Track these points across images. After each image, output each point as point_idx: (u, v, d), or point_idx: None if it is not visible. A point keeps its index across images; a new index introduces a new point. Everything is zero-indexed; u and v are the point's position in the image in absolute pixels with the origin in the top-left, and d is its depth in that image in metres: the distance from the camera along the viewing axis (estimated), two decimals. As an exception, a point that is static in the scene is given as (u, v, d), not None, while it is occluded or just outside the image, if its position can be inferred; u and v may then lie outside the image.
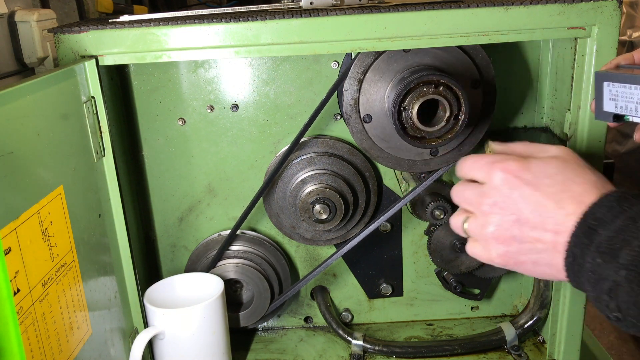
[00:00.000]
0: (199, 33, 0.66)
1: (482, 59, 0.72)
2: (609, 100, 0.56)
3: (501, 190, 0.50)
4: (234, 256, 0.85)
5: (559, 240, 0.48)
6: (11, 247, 0.47)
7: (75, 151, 0.62)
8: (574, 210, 0.47)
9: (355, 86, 0.72)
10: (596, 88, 0.58)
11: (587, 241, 0.45)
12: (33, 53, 0.96)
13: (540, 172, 0.50)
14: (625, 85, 0.54)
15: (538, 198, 0.49)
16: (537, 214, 0.49)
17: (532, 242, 0.49)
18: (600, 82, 0.57)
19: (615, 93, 0.56)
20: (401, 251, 0.89)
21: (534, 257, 0.50)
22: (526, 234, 0.49)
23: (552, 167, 0.50)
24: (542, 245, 0.49)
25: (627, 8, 2.03)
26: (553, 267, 0.49)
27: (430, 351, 0.85)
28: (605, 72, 0.57)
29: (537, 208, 0.49)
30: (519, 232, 0.50)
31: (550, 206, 0.48)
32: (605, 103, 0.57)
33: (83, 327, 0.61)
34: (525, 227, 0.49)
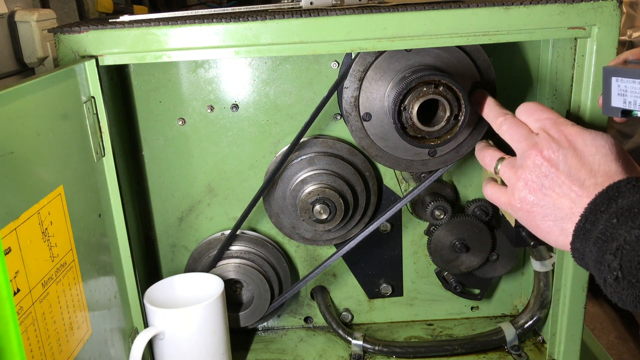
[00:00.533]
0: (199, 33, 0.66)
1: (483, 61, 0.72)
2: (617, 95, 0.56)
3: (551, 145, 0.55)
4: (234, 256, 0.85)
5: (578, 204, 0.52)
6: (11, 247, 0.47)
7: (75, 151, 0.62)
8: (602, 181, 0.51)
9: (356, 84, 0.72)
10: (604, 83, 0.57)
11: (604, 208, 0.49)
12: (33, 53, 0.96)
13: (589, 141, 0.54)
14: (634, 81, 0.55)
15: (577, 162, 0.53)
16: (569, 175, 0.53)
17: (553, 198, 0.54)
18: (608, 77, 0.57)
19: (623, 88, 0.56)
20: (401, 251, 0.89)
21: (548, 211, 0.54)
22: (552, 189, 0.54)
23: (602, 141, 0.54)
24: (561, 203, 0.53)
25: (627, 8, 2.03)
26: (558, 227, 0.53)
27: (430, 351, 0.85)
28: (613, 67, 0.57)
29: (572, 170, 0.53)
30: (547, 184, 0.54)
31: (584, 172, 0.53)
32: (614, 98, 0.57)
33: (83, 327, 0.61)
34: (555, 182, 0.54)
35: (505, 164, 0.60)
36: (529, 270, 0.90)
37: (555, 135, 0.55)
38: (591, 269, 0.50)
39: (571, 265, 0.75)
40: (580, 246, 0.50)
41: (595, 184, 0.51)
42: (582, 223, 0.50)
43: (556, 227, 0.54)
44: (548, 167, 0.54)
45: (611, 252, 0.46)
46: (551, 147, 0.55)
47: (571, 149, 0.54)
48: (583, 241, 0.50)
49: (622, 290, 0.45)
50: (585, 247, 0.50)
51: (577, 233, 0.51)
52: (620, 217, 0.47)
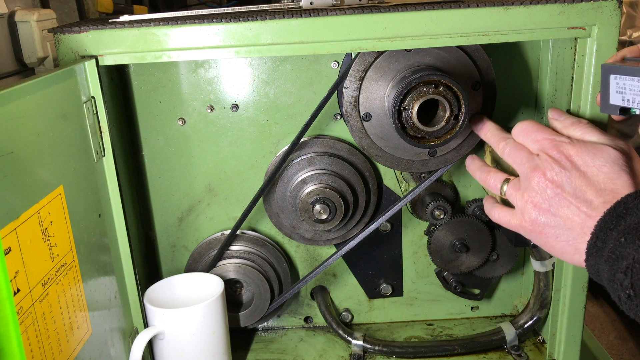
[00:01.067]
0: (199, 33, 0.66)
1: (483, 61, 0.72)
2: (616, 93, 0.56)
3: (553, 167, 0.55)
4: (234, 256, 0.85)
5: (588, 223, 0.53)
6: (11, 247, 0.47)
7: (75, 151, 0.62)
8: (609, 199, 0.52)
9: (356, 84, 0.72)
10: (602, 81, 0.57)
11: (613, 225, 0.50)
12: (33, 53, 0.96)
13: (589, 160, 0.54)
14: (632, 78, 0.55)
15: (582, 183, 0.54)
16: (576, 196, 0.54)
17: (562, 218, 0.55)
18: (606, 74, 0.57)
19: (622, 86, 0.56)
20: (401, 251, 0.89)
21: (559, 232, 0.55)
22: (560, 210, 0.55)
23: (603, 159, 0.54)
24: (571, 223, 0.54)
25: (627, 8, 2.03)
26: (572, 246, 0.54)
27: (430, 351, 0.85)
28: (612, 64, 0.57)
29: (578, 191, 0.54)
30: (555, 206, 0.55)
31: (590, 192, 0.53)
32: (612, 96, 0.57)
33: (83, 327, 0.61)
34: (563, 203, 0.55)
35: (512, 186, 0.60)
36: (529, 270, 0.90)
37: (556, 156, 0.56)
38: (606, 286, 0.50)
39: (571, 265, 0.75)
40: (595, 263, 0.51)
41: (603, 203, 0.52)
42: (593, 241, 0.51)
43: (570, 246, 0.55)
44: (553, 189, 0.55)
45: (622, 271, 0.47)
46: (553, 169, 0.55)
47: (574, 170, 0.55)
48: (596, 258, 0.51)
49: (636, 307, 0.46)
50: (599, 265, 0.51)
51: (589, 251, 0.52)
52: (627, 236, 0.48)
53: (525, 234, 0.59)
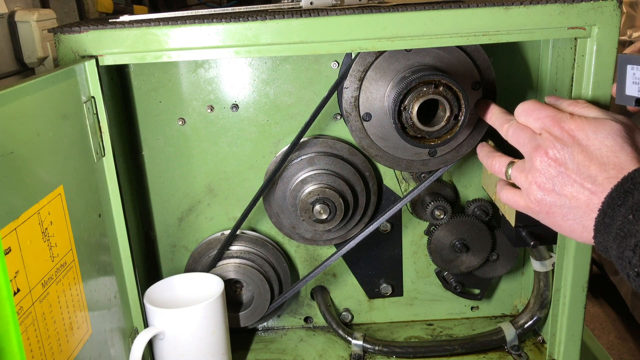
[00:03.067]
0: (199, 33, 0.66)
1: (483, 61, 0.72)
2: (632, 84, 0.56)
3: (555, 144, 0.55)
4: (234, 256, 0.85)
5: (594, 199, 0.52)
6: (11, 247, 0.47)
7: (75, 151, 0.62)
8: (614, 174, 0.51)
9: (356, 84, 0.72)
10: (619, 71, 0.57)
11: (621, 202, 0.49)
12: (33, 53, 0.96)
13: (591, 134, 0.53)
14: None
15: (585, 158, 0.53)
16: (579, 172, 0.53)
17: (567, 197, 0.54)
18: (623, 65, 0.56)
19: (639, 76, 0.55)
20: (401, 251, 0.89)
21: (566, 211, 0.54)
22: (565, 188, 0.54)
23: (604, 132, 0.53)
24: (577, 202, 0.53)
25: (627, 8, 2.03)
26: (580, 224, 0.54)
27: (430, 351, 0.85)
28: (629, 55, 0.56)
29: (581, 167, 0.53)
30: (559, 185, 0.54)
31: (594, 168, 0.52)
32: (628, 87, 0.56)
33: (83, 327, 0.61)
34: (566, 181, 0.54)
35: (516, 169, 0.60)
36: (529, 270, 0.90)
37: (558, 133, 0.55)
38: (615, 263, 0.50)
39: (571, 265, 0.75)
40: (603, 240, 0.50)
41: (608, 178, 0.51)
42: (600, 218, 0.50)
43: (577, 224, 0.54)
44: (556, 167, 0.54)
45: (630, 249, 0.46)
46: (555, 147, 0.55)
47: (576, 145, 0.54)
48: (604, 235, 0.50)
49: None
50: (607, 242, 0.50)
51: (597, 228, 0.51)
52: (635, 213, 0.47)
53: (533, 214, 0.58)
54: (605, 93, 0.68)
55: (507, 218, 0.74)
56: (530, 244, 0.72)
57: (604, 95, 0.68)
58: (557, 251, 0.77)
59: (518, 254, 0.87)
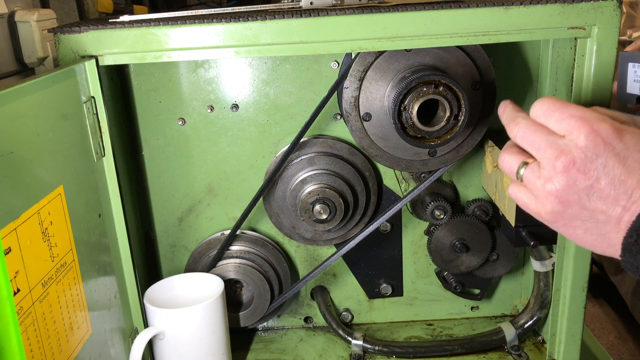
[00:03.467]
0: (199, 33, 0.66)
1: (483, 61, 0.72)
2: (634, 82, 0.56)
3: (585, 152, 0.46)
4: (234, 256, 0.85)
5: (625, 216, 0.45)
6: (11, 247, 0.47)
7: (75, 151, 0.62)
8: None
9: (356, 84, 0.72)
10: (620, 69, 0.56)
11: None
12: (33, 53, 0.96)
13: (632, 144, 0.46)
14: None
15: (621, 171, 0.45)
16: (613, 187, 0.46)
17: (594, 212, 0.47)
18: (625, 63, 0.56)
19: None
20: (401, 251, 0.89)
21: (590, 225, 0.48)
22: (592, 203, 0.47)
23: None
24: (605, 217, 0.46)
25: (627, 8, 2.03)
26: (606, 240, 0.47)
27: (430, 351, 0.85)
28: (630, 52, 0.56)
29: (615, 181, 0.46)
30: (586, 199, 0.47)
31: (630, 183, 0.45)
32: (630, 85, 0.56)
33: (83, 327, 0.61)
34: (595, 196, 0.46)
35: (530, 171, 0.50)
36: (529, 270, 0.90)
37: (589, 138, 0.46)
38: None
39: (571, 265, 0.75)
40: (634, 260, 0.45)
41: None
42: (633, 239, 0.44)
43: (602, 239, 0.48)
44: (585, 180, 0.46)
45: None
46: (586, 156, 0.46)
47: (612, 155, 0.45)
48: (636, 255, 0.45)
49: None
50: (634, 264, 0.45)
51: (627, 247, 0.45)
52: None
53: (547, 223, 0.51)
54: (605, 93, 0.68)
55: (507, 218, 0.74)
56: (530, 244, 0.72)
57: (604, 95, 0.68)
58: (557, 251, 0.77)
59: (518, 254, 0.87)
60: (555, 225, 0.50)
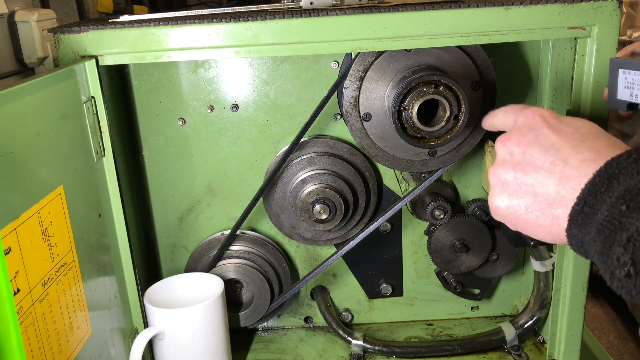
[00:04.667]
0: (199, 33, 0.66)
1: (483, 61, 0.72)
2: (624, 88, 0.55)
3: (521, 129, 0.48)
4: (234, 256, 0.85)
5: (566, 185, 0.44)
6: (11, 247, 0.47)
7: (75, 151, 0.62)
8: (591, 157, 0.43)
9: (356, 84, 0.72)
10: (610, 75, 0.56)
11: (604, 188, 0.41)
12: (33, 53, 0.96)
13: (567, 122, 0.47)
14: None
15: (554, 140, 0.46)
16: (547, 154, 0.45)
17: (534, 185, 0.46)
18: (615, 69, 0.56)
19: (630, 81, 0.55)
20: (401, 251, 0.89)
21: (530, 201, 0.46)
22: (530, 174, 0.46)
23: (581, 122, 0.47)
24: (544, 188, 0.45)
25: (627, 8, 2.03)
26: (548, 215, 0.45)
27: (430, 351, 0.85)
28: (621, 59, 0.56)
29: (549, 149, 0.45)
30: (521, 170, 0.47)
31: (565, 150, 0.45)
32: (620, 91, 0.56)
33: (83, 327, 0.61)
34: (533, 165, 0.46)
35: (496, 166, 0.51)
36: (529, 270, 0.90)
37: (528, 116, 0.49)
38: (594, 259, 0.42)
39: (571, 265, 0.75)
40: (579, 232, 0.43)
41: (582, 160, 0.44)
42: (579, 206, 0.42)
43: (545, 216, 0.46)
44: (519, 152, 0.47)
45: (621, 244, 0.39)
46: (521, 131, 0.48)
47: (546, 127, 0.47)
48: (582, 227, 0.42)
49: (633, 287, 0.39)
50: (585, 235, 0.42)
51: (573, 218, 0.43)
52: (630, 203, 0.39)
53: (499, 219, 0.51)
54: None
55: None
56: (530, 244, 0.72)
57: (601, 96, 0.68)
58: (557, 251, 0.77)
59: (518, 254, 0.87)
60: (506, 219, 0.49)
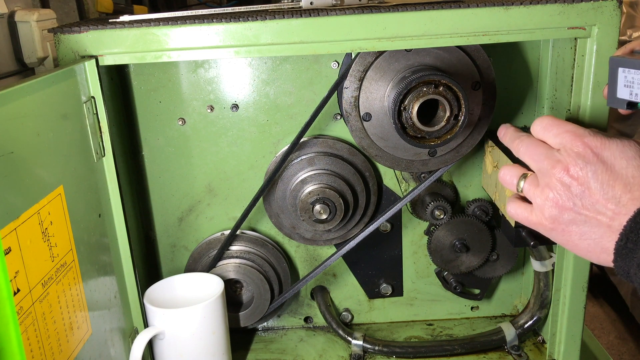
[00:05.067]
0: (199, 33, 0.66)
1: (483, 61, 0.72)
2: (624, 86, 0.55)
3: (577, 161, 0.51)
4: (234, 256, 0.85)
5: (615, 221, 0.49)
6: (11, 247, 0.47)
7: (75, 151, 0.62)
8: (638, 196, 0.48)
9: (356, 84, 0.72)
10: (610, 74, 0.56)
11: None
12: (33, 53, 0.96)
13: (618, 153, 0.51)
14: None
15: (609, 177, 0.50)
16: (603, 192, 0.50)
17: (588, 216, 0.51)
18: (614, 67, 0.56)
19: (630, 79, 0.54)
20: (401, 251, 0.89)
21: (585, 229, 0.52)
22: (585, 208, 0.51)
23: (632, 151, 0.50)
24: (597, 222, 0.50)
25: (627, 8, 2.03)
26: (598, 245, 0.51)
27: (430, 351, 0.85)
28: (620, 57, 0.55)
29: (604, 186, 0.50)
30: (580, 204, 0.51)
31: (618, 187, 0.49)
32: (619, 89, 0.56)
33: (83, 327, 0.61)
34: (587, 201, 0.51)
35: (529, 182, 0.56)
36: (529, 270, 0.90)
37: (580, 149, 0.52)
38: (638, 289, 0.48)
39: (571, 265, 0.75)
40: (624, 265, 0.48)
41: (632, 199, 0.48)
42: (622, 242, 0.48)
43: (596, 245, 0.51)
44: (578, 186, 0.51)
45: None
46: (577, 164, 0.51)
47: (600, 164, 0.51)
48: (626, 260, 0.48)
49: None
50: (630, 267, 0.47)
51: (618, 252, 0.48)
52: None
53: (545, 232, 0.55)
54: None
55: (507, 218, 0.74)
56: (530, 244, 0.72)
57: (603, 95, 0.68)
58: (557, 251, 0.77)
59: (518, 254, 0.87)
60: (553, 232, 0.54)
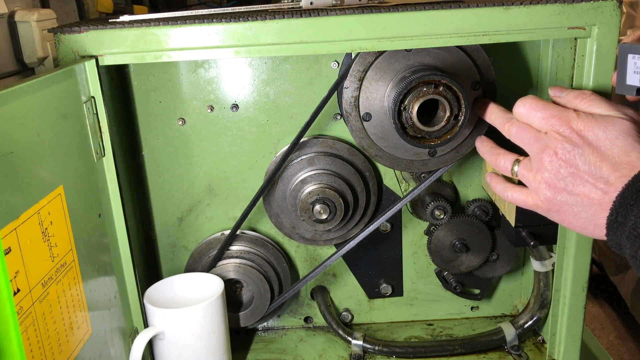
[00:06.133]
0: (199, 33, 0.66)
1: (483, 61, 0.72)
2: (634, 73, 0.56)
3: (564, 145, 0.54)
4: (234, 256, 0.85)
5: (605, 198, 0.52)
6: (11, 247, 0.47)
7: (75, 151, 0.62)
8: (626, 173, 0.51)
9: (356, 84, 0.72)
10: (619, 60, 0.57)
11: (633, 201, 0.49)
12: (33, 53, 0.96)
13: (601, 134, 0.53)
14: None
15: (596, 158, 0.53)
16: (591, 173, 0.53)
17: (579, 196, 0.54)
18: (624, 54, 0.56)
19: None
20: (401, 251, 0.89)
21: (577, 209, 0.55)
22: (576, 188, 0.54)
23: (615, 131, 0.53)
24: (588, 200, 0.54)
25: (627, 8, 2.03)
26: (592, 222, 0.54)
27: (430, 351, 0.85)
28: (630, 44, 0.56)
29: (593, 168, 0.53)
30: (571, 185, 0.54)
31: (605, 167, 0.52)
32: (629, 76, 0.56)
33: (83, 327, 0.61)
34: (578, 181, 0.54)
35: (523, 167, 0.60)
36: (529, 270, 0.90)
37: (566, 133, 0.55)
38: (628, 260, 0.50)
39: (571, 265, 0.75)
40: (616, 237, 0.51)
41: (620, 177, 0.51)
42: (613, 217, 0.51)
43: (589, 223, 0.55)
44: (567, 167, 0.54)
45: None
46: (564, 147, 0.54)
47: (586, 146, 0.54)
48: (617, 233, 0.51)
49: None
50: (621, 239, 0.51)
51: (610, 226, 0.52)
52: None
53: (542, 212, 0.59)
54: (605, 93, 0.68)
55: (507, 218, 0.74)
56: (530, 244, 0.72)
57: (603, 95, 0.68)
58: (557, 251, 0.77)
59: (518, 254, 0.87)
60: (550, 213, 0.58)
